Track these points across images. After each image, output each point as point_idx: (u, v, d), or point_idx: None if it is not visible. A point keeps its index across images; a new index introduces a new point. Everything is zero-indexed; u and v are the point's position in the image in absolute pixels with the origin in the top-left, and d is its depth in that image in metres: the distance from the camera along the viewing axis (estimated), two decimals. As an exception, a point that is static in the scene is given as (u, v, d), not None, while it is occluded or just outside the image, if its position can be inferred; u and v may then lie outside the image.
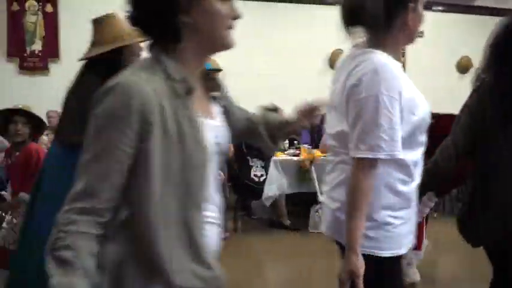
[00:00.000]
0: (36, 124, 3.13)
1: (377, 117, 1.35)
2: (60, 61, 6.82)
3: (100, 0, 6.77)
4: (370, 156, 1.37)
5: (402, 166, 1.44)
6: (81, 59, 2.24)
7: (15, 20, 6.67)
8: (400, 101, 1.37)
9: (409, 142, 1.42)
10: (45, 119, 5.62)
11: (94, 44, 2.22)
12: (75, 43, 6.70)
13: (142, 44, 2.25)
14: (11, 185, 3.19)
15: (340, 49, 7.92)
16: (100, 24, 2.22)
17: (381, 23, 1.43)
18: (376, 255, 1.43)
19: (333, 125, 1.54)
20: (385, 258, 1.44)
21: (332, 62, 7.99)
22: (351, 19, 1.48)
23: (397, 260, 1.49)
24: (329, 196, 1.57)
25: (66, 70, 6.95)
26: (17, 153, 3.05)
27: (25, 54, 6.75)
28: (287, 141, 5.87)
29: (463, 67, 8.54)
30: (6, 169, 3.26)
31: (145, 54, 2.25)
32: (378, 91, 1.35)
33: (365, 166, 1.39)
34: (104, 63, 2.11)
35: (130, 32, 2.19)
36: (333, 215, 1.52)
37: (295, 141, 5.98)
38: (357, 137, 1.39)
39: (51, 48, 6.80)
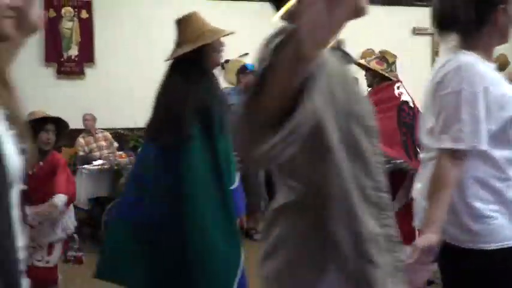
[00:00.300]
0: (60, 131, 3.09)
1: (459, 112, 1.41)
2: (95, 65, 6.99)
3: (131, 5, 6.93)
4: (451, 146, 1.42)
5: (492, 162, 1.46)
6: (167, 60, 2.32)
7: (52, 26, 6.88)
8: (485, 97, 1.40)
9: (500, 138, 1.45)
10: (81, 122, 5.80)
11: (178, 44, 2.30)
12: (109, 47, 6.90)
13: (222, 40, 2.29)
14: (30, 196, 2.92)
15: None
16: (182, 24, 2.29)
17: (472, 27, 1.48)
18: (484, 248, 1.45)
19: (425, 122, 1.60)
20: (494, 250, 1.45)
21: (363, 62, 7.89)
22: (443, 25, 1.55)
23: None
24: (421, 193, 1.60)
25: (100, 74, 7.18)
26: (41, 163, 2.95)
27: (62, 60, 6.95)
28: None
29: (501, 64, 8.31)
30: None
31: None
32: (461, 87, 1.41)
33: (447, 157, 1.43)
34: (187, 63, 2.19)
35: (212, 28, 2.24)
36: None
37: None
38: (440, 129, 1.45)
39: (86, 53, 6.98)
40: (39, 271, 2.83)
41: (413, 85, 3.53)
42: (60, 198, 2.90)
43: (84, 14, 6.97)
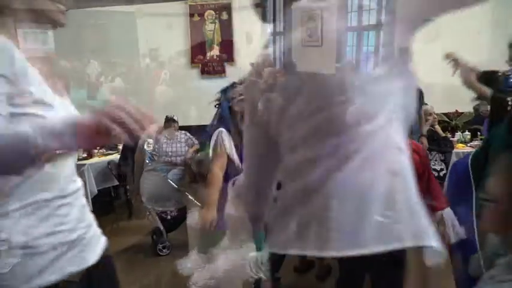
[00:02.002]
0: None
1: None
2: (235, 63, 7.41)
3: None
4: None
5: None
6: None
7: (197, 30, 7.45)
8: None
9: None
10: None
11: None
12: (247, 45, 7.22)
13: None
14: None
15: None
16: None
17: None
18: None
19: None
20: None
21: None
22: None
23: None
24: None
25: (240, 71, 7.50)
26: None
27: (205, 60, 7.50)
28: (468, 132, 5.40)
29: None
30: None
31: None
32: None
33: None
34: None
35: None
36: None
37: (479, 132, 5.30)
38: None
39: (226, 52, 7.44)
40: None
41: None
42: None
43: (224, 16, 7.42)
